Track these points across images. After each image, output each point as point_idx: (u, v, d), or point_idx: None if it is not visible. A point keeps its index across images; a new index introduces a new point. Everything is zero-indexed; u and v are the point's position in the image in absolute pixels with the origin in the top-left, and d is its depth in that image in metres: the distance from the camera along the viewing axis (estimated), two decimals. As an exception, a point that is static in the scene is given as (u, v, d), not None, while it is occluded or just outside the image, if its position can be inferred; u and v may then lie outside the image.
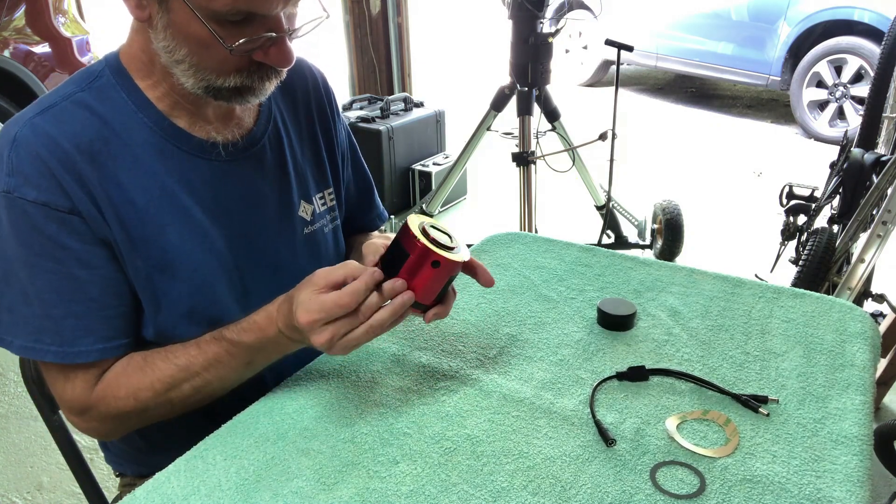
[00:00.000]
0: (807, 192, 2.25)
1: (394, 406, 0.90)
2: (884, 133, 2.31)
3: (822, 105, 4.73)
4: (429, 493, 0.76)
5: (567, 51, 6.04)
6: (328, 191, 1.09)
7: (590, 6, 5.15)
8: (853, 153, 2.07)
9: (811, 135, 4.77)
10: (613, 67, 2.58)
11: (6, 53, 3.15)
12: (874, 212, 1.93)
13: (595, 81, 6.05)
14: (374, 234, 1.22)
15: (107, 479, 1.33)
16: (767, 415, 0.87)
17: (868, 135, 2.37)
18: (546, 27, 2.54)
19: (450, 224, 0.84)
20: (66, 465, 1.10)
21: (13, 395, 2.35)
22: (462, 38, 7.85)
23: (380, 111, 3.46)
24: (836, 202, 2.15)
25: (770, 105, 5.64)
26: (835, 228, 2.06)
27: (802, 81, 4.74)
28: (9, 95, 3.20)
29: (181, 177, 0.91)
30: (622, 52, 2.47)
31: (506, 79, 2.68)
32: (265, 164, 0.99)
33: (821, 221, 2.19)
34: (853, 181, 2.03)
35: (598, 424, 0.85)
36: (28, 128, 0.83)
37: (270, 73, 0.88)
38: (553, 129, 2.73)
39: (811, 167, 4.10)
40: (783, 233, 2.29)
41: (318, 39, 0.92)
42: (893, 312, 2.05)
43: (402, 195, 3.54)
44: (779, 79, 4.91)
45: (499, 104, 2.76)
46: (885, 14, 4.34)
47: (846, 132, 2.50)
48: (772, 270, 2.33)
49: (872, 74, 2.41)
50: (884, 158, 1.99)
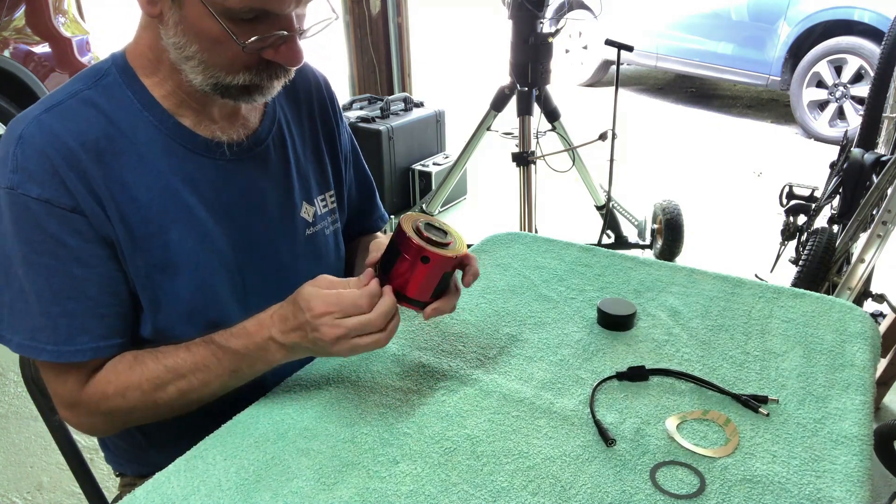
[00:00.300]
0: (807, 192, 2.24)
1: (394, 406, 0.90)
2: (884, 133, 2.30)
3: (822, 105, 4.72)
4: (429, 493, 0.76)
5: (567, 51, 6.04)
6: (329, 193, 1.09)
7: (590, 6, 5.15)
8: (853, 153, 2.07)
9: (811, 135, 4.77)
10: (613, 67, 2.58)
11: (6, 53, 3.14)
12: (874, 212, 1.93)
13: (595, 81, 6.05)
14: (380, 235, 1.22)
15: (107, 479, 1.33)
16: (767, 415, 0.87)
17: (868, 135, 2.37)
18: (546, 27, 2.54)
19: (450, 224, 0.84)
20: (66, 465, 1.10)
21: (13, 395, 2.35)
22: (462, 38, 7.85)
23: (380, 111, 3.46)
24: (836, 202, 2.15)
25: (770, 105, 5.64)
26: (835, 228, 2.06)
27: (802, 81, 4.74)
28: (9, 95, 3.19)
29: (185, 175, 0.91)
30: (622, 52, 2.47)
31: (506, 79, 2.68)
32: (269, 165, 0.99)
33: (821, 221, 2.19)
34: (853, 181, 2.03)
35: (598, 424, 0.85)
36: (34, 125, 0.84)
37: (279, 72, 0.88)
38: (553, 129, 2.73)
39: (811, 167, 4.09)
40: (783, 233, 2.29)
41: (319, 40, 0.92)
42: (893, 312, 2.05)
43: (402, 195, 3.54)
44: (779, 79, 4.91)
45: (499, 104, 2.76)
46: (885, 14, 4.33)
47: (846, 132, 2.50)
48: (772, 270, 2.33)
49: (872, 74, 2.40)
50: (884, 158, 1.99)
